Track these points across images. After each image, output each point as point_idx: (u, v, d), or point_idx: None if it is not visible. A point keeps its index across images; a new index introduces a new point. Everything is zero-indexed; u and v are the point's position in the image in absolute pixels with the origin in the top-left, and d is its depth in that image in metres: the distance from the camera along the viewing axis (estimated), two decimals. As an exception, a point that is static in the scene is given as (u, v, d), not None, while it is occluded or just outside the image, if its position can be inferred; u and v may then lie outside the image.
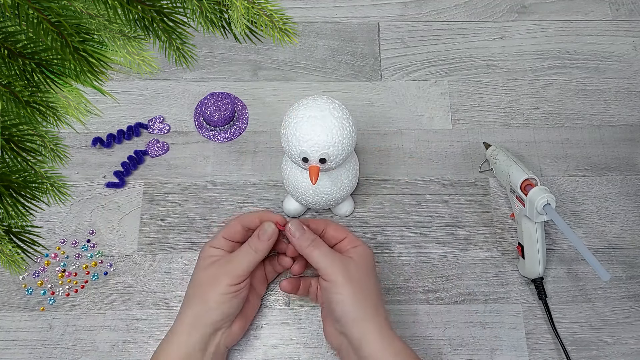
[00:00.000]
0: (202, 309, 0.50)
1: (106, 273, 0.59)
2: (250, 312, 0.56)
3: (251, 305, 0.56)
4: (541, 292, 0.58)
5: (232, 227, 0.54)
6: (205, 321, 0.50)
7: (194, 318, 0.50)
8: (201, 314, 0.50)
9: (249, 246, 0.52)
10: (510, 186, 0.58)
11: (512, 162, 0.59)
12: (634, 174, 0.65)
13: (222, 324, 0.51)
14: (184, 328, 0.50)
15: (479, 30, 0.72)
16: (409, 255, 0.61)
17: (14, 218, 0.28)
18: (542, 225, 0.57)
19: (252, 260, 0.51)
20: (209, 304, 0.50)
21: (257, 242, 0.52)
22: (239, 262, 0.51)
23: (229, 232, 0.54)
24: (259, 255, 0.52)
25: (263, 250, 0.52)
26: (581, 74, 0.70)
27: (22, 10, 0.24)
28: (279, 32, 0.27)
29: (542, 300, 0.58)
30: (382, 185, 0.64)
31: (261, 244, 0.52)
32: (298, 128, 0.49)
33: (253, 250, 0.52)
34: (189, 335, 0.50)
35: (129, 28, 0.27)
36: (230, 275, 0.50)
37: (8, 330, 0.57)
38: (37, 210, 0.29)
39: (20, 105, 0.26)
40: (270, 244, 0.52)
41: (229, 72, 0.69)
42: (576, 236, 0.52)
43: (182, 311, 0.52)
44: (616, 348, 0.57)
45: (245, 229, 0.54)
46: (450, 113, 0.67)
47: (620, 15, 0.73)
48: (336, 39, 0.71)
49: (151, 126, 0.65)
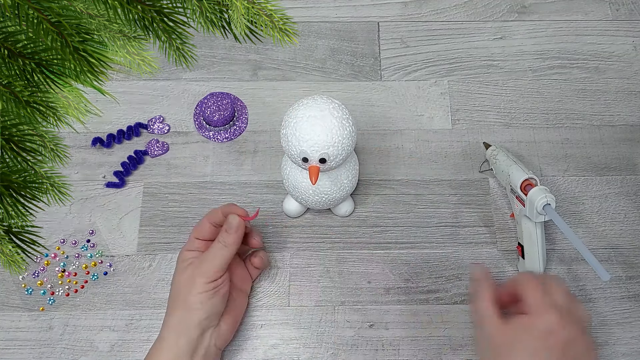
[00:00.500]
0: (184, 312, 0.50)
1: (106, 273, 0.59)
2: (238, 310, 0.56)
3: (237, 303, 0.55)
4: None
5: (201, 226, 0.54)
6: (189, 324, 0.50)
7: (178, 322, 0.50)
8: (185, 317, 0.50)
9: (218, 242, 0.52)
10: (510, 186, 0.58)
11: (512, 162, 0.59)
12: (634, 174, 0.65)
13: (207, 323, 0.51)
14: (170, 333, 0.50)
15: (479, 30, 0.72)
16: (409, 255, 0.61)
17: (14, 218, 0.28)
18: (542, 225, 0.57)
19: (224, 255, 0.51)
20: (190, 305, 0.50)
21: (226, 236, 0.52)
22: (212, 258, 0.51)
23: (200, 232, 0.54)
24: (230, 249, 0.51)
25: (233, 244, 0.52)
26: (581, 74, 0.70)
27: (22, 10, 0.24)
28: (279, 32, 0.27)
29: None
30: (382, 185, 0.64)
31: (229, 237, 0.52)
32: (298, 128, 0.49)
33: (223, 244, 0.51)
34: (176, 340, 0.50)
35: (129, 28, 0.27)
36: (205, 273, 0.51)
37: (8, 330, 0.57)
38: (37, 210, 0.29)
39: (20, 105, 0.26)
40: (238, 236, 0.52)
41: (228, 72, 0.69)
42: (576, 236, 0.52)
43: (167, 317, 0.52)
44: (616, 348, 0.57)
45: (214, 225, 0.54)
46: (450, 113, 0.67)
47: (620, 15, 0.73)
48: (336, 39, 0.71)
49: (151, 126, 0.65)
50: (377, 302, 0.59)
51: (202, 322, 0.50)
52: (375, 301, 0.59)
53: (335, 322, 0.58)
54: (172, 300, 0.52)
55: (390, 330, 0.57)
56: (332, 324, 0.58)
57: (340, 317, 0.58)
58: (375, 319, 0.58)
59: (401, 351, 0.57)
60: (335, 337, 0.57)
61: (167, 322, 0.51)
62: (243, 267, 0.58)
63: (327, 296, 0.59)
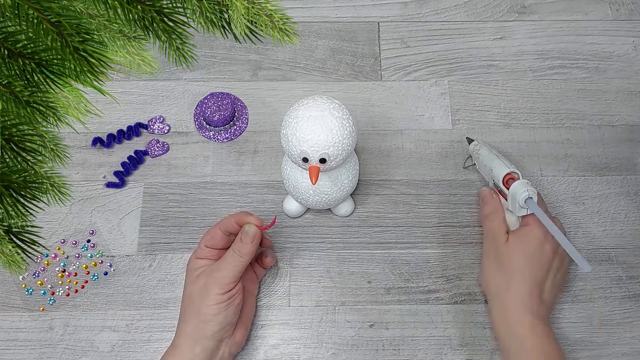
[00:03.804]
0: (198, 323, 0.50)
1: (106, 273, 0.59)
2: (249, 315, 0.56)
3: (247, 308, 0.55)
4: None
5: (212, 235, 0.53)
6: (205, 334, 0.50)
7: (193, 332, 0.50)
8: (199, 328, 0.50)
9: (233, 251, 0.51)
10: (493, 180, 0.58)
11: (495, 156, 0.59)
12: (634, 174, 0.65)
13: (222, 334, 0.51)
14: (185, 342, 0.50)
15: (479, 30, 0.72)
16: (409, 255, 0.61)
17: (14, 218, 0.28)
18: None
19: (238, 265, 0.51)
20: (205, 317, 0.50)
21: (242, 246, 0.51)
22: (226, 268, 0.50)
23: (211, 240, 0.53)
24: (245, 258, 0.51)
25: (248, 254, 0.51)
26: (581, 74, 0.70)
27: (22, 10, 0.24)
28: (279, 32, 0.27)
29: None
30: (382, 185, 0.64)
31: (245, 247, 0.51)
32: (298, 128, 0.49)
33: (238, 254, 0.51)
34: (191, 348, 0.49)
35: (129, 28, 0.27)
36: (219, 283, 0.50)
37: (8, 331, 0.57)
38: (37, 210, 0.29)
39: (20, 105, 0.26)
40: (255, 245, 0.51)
41: (229, 72, 0.69)
42: (556, 229, 0.52)
43: (181, 325, 0.51)
44: (616, 348, 0.57)
45: (227, 234, 0.53)
46: (450, 113, 0.67)
47: (621, 15, 0.73)
48: (336, 39, 0.71)
49: (151, 126, 0.65)
50: (377, 302, 0.59)
51: (217, 334, 0.50)
52: (376, 301, 0.59)
53: (335, 322, 0.58)
54: (185, 308, 0.52)
55: (390, 330, 0.57)
56: (332, 324, 0.58)
57: (340, 317, 0.58)
58: (376, 319, 0.58)
59: (401, 351, 0.57)
60: (336, 337, 0.57)
61: (181, 331, 0.51)
62: (250, 269, 0.57)
63: (327, 296, 0.59)
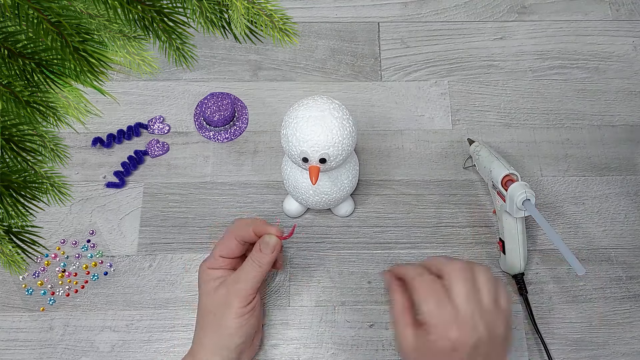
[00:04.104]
0: (220, 336, 0.49)
1: (106, 273, 0.59)
2: (261, 319, 0.55)
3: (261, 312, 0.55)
4: (522, 288, 0.58)
5: (227, 244, 0.52)
6: (228, 346, 0.49)
7: (214, 344, 0.49)
8: (221, 340, 0.49)
9: (252, 261, 0.50)
10: (492, 182, 0.59)
11: (494, 158, 0.59)
12: (634, 174, 0.65)
13: (245, 346, 0.50)
14: (206, 353, 0.49)
15: (479, 31, 0.72)
16: (409, 255, 0.61)
17: (14, 218, 0.28)
18: (523, 221, 0.57)
19: (257, 275, 0.50)
20: (227, 330, 0.49)
21: (261, 256, 0.50)
22: (246, 279, 0.50)
23: (226, 250, 0.52)
24: (264, 268, 0.50)
25: (268, 264, 0.50)
26: (581, 74, 0.70)
27: (22, 10, 0.24)
28: (279, 32, 0.27)
29: (523, 296, 0.58)
30: (382, 186, 0.64)
31: (265, 257, 0.50)
32: (298, 128, 0.49)
33: (258, 265, 0.50)
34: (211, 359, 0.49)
35: (129, 28, 0.27)
36: (240, 295, 0.49)
37: (8, 331, 0.57)
38: (37, 210, 0.29)
39: (20, 105, 0.26)
40: (275, 256, 0.51)
41: (229, 72, 0.69)
42: (554, 231, 0.52)
43: (200, 336, 0.50)
44: (616, 348, 0.57)
45: (242, 242, 0.52)
46: (450, 113, 0.67)
47: (621, 15, 0.73)
48: (336, 39, 0.71)
49: (151, 126, 0.65)
50: (377, 302, 0.59)
51: (239, 346, 0.50)
52: (376, 301, 0.59)
53: (335, 322, 0.58)
54: (204, 318, 0.51)
55: (390, 330, 0.57)
56: (332, 324, 0.58)
57: (340, 317, 0.58)
58: (376, 319, 0.58)
59: (401, 351, 0.57)
60: (336, 337, 0.57)
61: (201, 342, 0.50)
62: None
63: (327, 296, 0.59)
